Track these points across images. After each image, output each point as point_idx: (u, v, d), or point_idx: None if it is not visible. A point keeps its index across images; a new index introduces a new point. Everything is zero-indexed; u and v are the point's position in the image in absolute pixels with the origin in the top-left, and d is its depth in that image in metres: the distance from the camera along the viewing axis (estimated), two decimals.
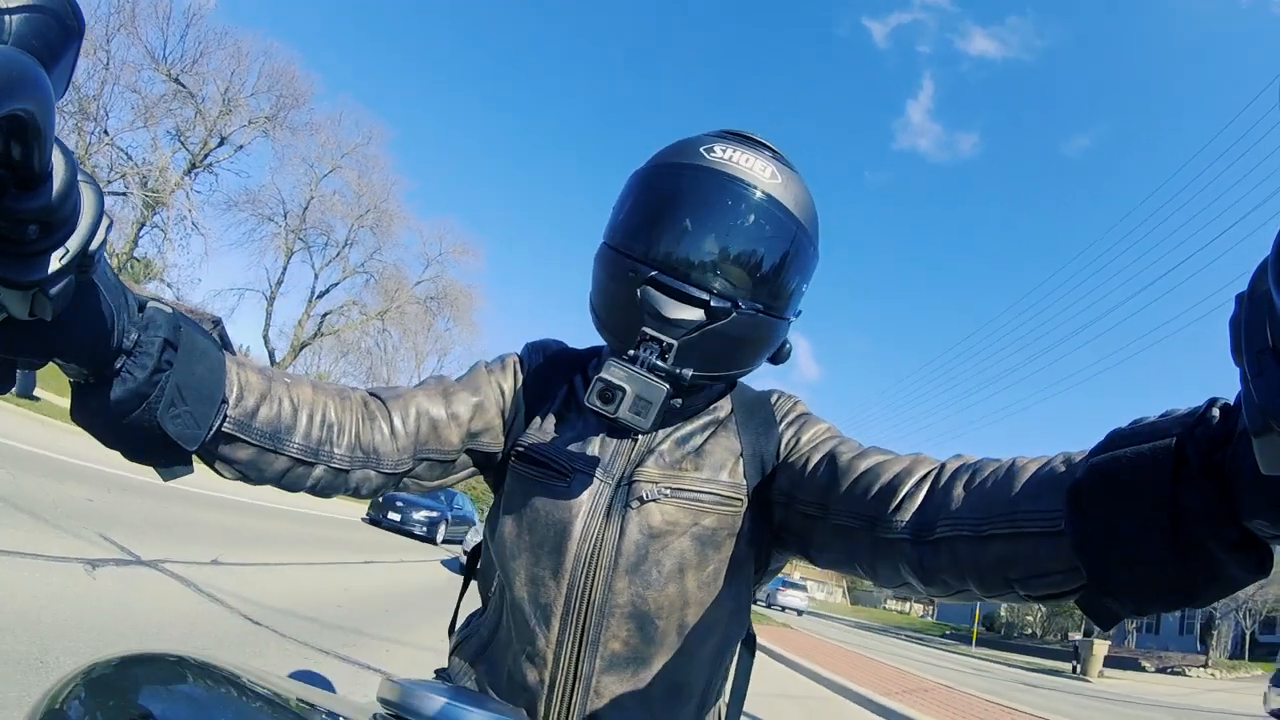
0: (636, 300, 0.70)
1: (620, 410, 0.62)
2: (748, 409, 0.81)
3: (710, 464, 0.75)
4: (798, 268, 0.75)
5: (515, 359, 0.85)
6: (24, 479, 5.38)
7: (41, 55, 0.29)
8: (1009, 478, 0.52)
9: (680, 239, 0.71)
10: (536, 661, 0.72)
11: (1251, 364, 0.29)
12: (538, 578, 0.72)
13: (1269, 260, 0.28)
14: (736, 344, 0.73)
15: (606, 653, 0.70)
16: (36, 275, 0.36)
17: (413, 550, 12.05)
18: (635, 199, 0.76)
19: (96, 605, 3.42)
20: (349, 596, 5.94)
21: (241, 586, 4.80)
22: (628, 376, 0.62)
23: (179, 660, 0.56)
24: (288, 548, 7.44)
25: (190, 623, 3.76)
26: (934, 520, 0.57)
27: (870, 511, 0.62)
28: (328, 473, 0.68)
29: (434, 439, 0.76)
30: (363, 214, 26.97)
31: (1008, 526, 0.50)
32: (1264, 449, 0.29)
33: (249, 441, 0.61)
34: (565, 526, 0.72)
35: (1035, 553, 0.48)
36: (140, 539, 4.96)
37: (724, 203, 0.71)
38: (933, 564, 0.56)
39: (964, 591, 0.55)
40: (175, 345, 0.51)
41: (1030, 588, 0.49)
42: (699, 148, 0.73)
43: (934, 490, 0.59)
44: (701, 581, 0.72)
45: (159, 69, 21.38)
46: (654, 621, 0.71)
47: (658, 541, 0.71)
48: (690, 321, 0.69)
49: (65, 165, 0.34)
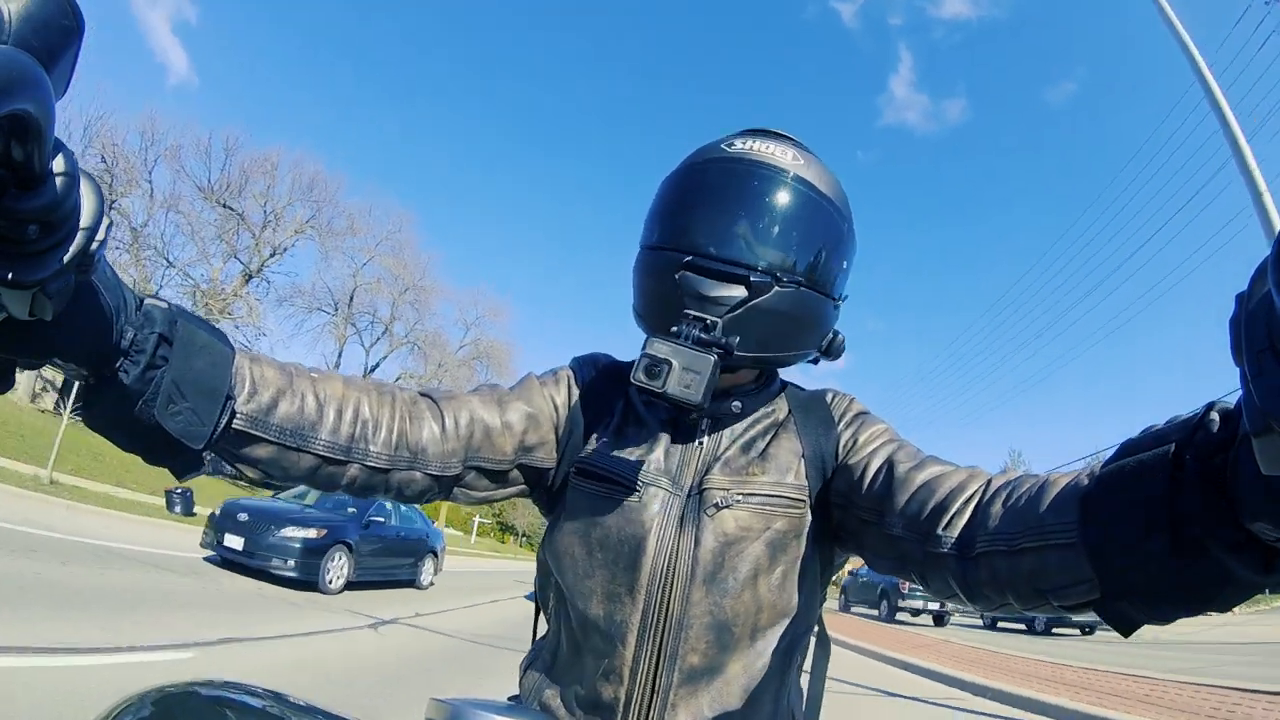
0: (676, 288, 0.70)
1: (668, 384, 0.61)
2: (805, 409, 0.81)
3: (776, 467, 0.75)
4: (833, 243, 0.75)
5: (568, 372, 0.84)
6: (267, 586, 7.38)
7: (41, 55, 0.29)
8: (1040, 493, 0.54)
9: (712, 222, 0.71)
10: (613, 679, 0.71)
11: (1251, 364, 0.29)
12: (613, 595, 0.71)
13: (1269, 260, 0.27)
14: (783, 320, 0.72)
15: (685, 666, 0.69)
16: (37, 275, 0.35)
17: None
18: (666, 200, 0.77)
19: (377, 656, 5.27)
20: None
21: (449, 624, 6.93)
22: (672, 350, 0.62)
23: (231, 691, 0.56)
24: (453, 596, 9.96)
25: (442, 653, 5.91)
26: (975, 537, 0.58)
27: (923, 527, 0.63)
28: (364, 471, 0.66)
29: (487, 446, 0.74)
30: (402, 292, 29.62)
31: (1036, 540, 0.51)
32: (1264, 449, 0.29)
33: (268, 439, 0.59)
34: (639, 541, 0.71)
35: (1062, 563, 0.49)
36: (370, 606, 7.08)
37: (751, 184, 0.72)
38: (974, 578, 0.58)
39: (1005, 604, 0.57)
40: (171, 341, 0.50)
41: (1061, 598, 0.50)
42: (720, 145, 0.76)
43: (978, 509, 0.60)
44: (771, 585, 0.72)
45: (209, 198, 24.12)
46: (730, 630, 0.71)
47: (733, 548, 0.71)
48: (732, 298, 0.69)
49: (65, 165, 0.34)
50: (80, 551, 6.24)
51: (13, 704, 2.84)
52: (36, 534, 6.44)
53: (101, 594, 5.01)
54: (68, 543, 6.47)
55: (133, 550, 7.11)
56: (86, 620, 4.23)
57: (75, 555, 5.96)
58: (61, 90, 0.32)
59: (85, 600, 4.72)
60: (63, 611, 4.26)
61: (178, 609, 5.24)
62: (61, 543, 6.40)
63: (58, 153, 0.34)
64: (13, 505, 7.67)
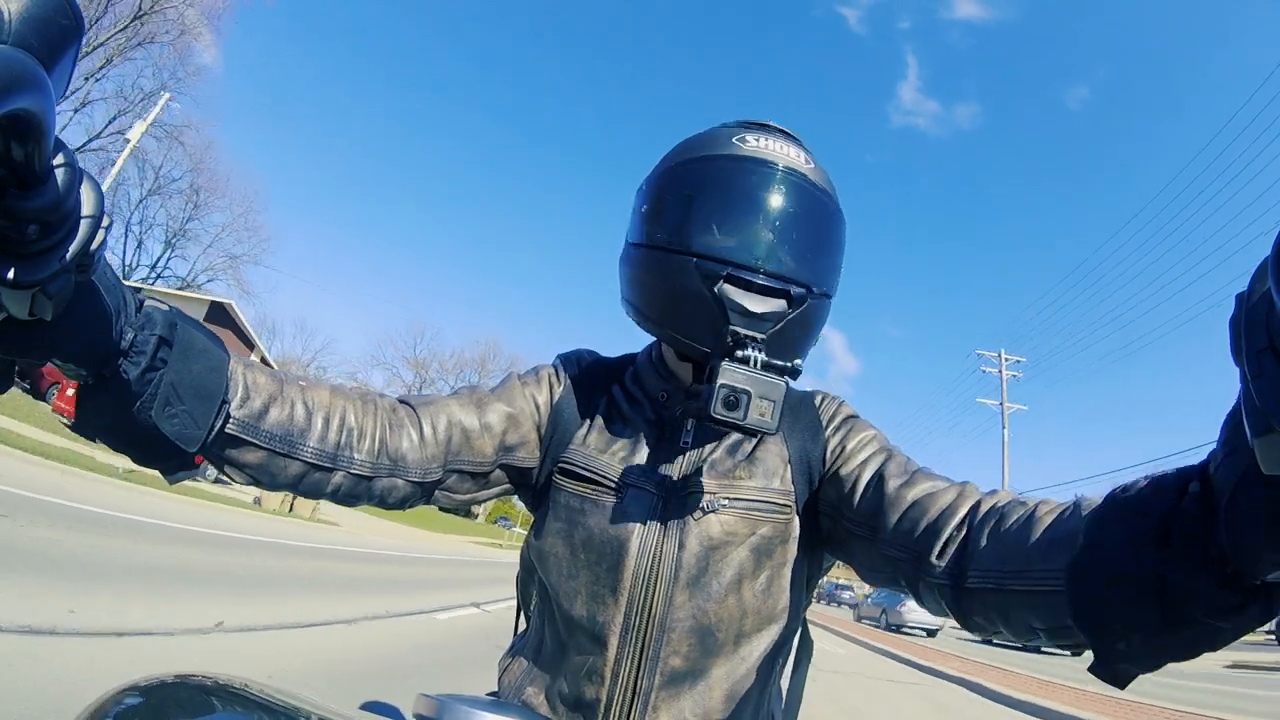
0: (710, 298, 0.68)
1: (749, 416, 0.60)
2: (792, 412, 0.79)
3: (763, 471, 0.74)
4: (841, 248, 0.76)
5: (549, 371, 0.83)
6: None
7: (41, 55, 0.29)
8: (1026, 528, 0.54)
9: (752, 232, 0.69)
10: (595, 679, 0.70)
11: (1251, 364, 0.29)
12: (597, 595, 0.71)
13: (1269, 260, 0.27)
14: (809, 330, 0.73)
15: (666, 668, 0.69)
16: (37, 275, 0.35)
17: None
18: (681, 195, 0.73)
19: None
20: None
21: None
22: (749, 379, 0.61)
23: (218, 683, 0.56)
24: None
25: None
26: (966, 568, 0.58)
27: (915, 549, 0.63)
28: (348, 479, 0.66)
29: (466, 449, 0.74)
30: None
31: (1026, 583, 0.51)
32: (1264, 450, 0.29)
33: (258, 445, 0.60)
34: (622, 543, 0.70)
35: (1049, 609, 0.49)
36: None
37: (779, 191, 0.71)
38: (967, 608, 0.58)
39: (998, 633, 0.57)
40: (171, 343, 0.50)
41: (1053, 639, 0.51)
42: (730, 138, 0.73)
43: (968, 536, 0.60)
44: (756, 590, 0.71)
45: None
46: (714, 634, 0.70)
47: (717, 553, 0.70)
48: (777, 313, 0.69)
49: (65, 165, 0.34)
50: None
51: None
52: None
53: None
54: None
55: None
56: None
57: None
58: (61, 90, 0.32)
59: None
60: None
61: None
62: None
63: (58, 152, 0.34)
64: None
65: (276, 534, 9.90)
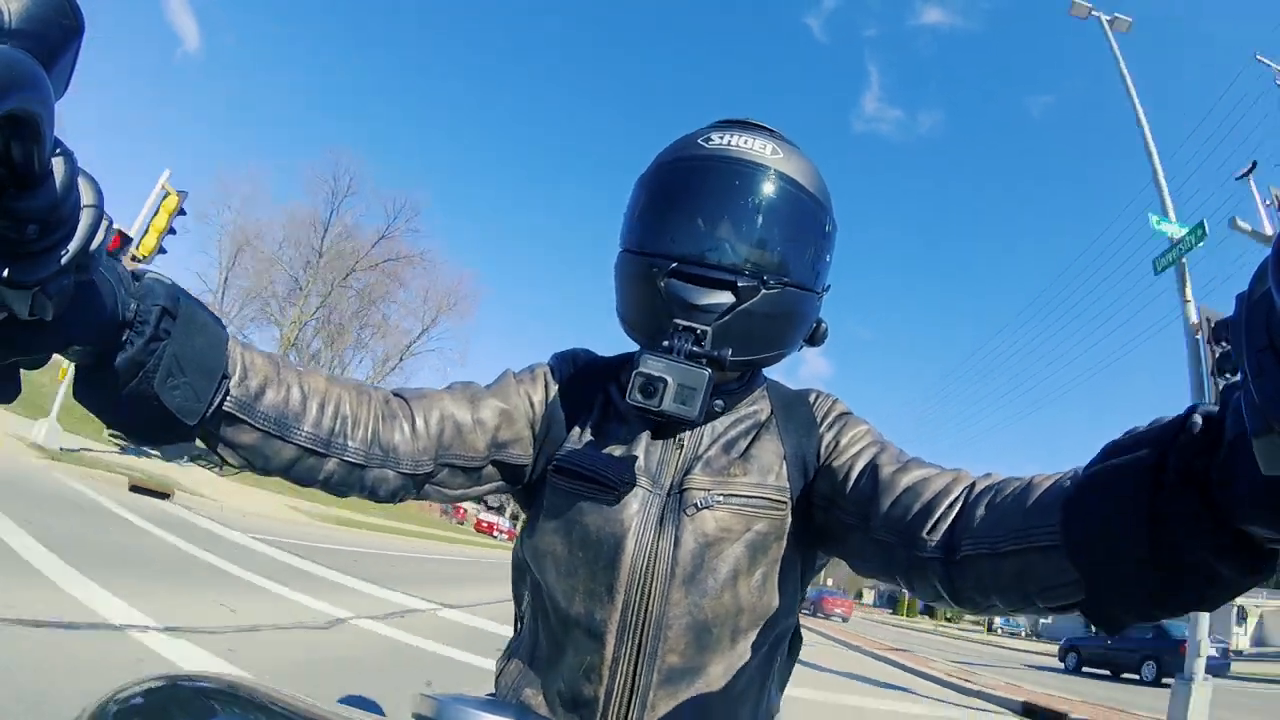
0: (662, 295, 0.70)
1: (664, 402, 0.62)
2: (787, 410, 0.80)
3: (758, 467, 0.74)
4: (814, 237, 0.75)
5: (545, 370, 0.83)
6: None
7: (41, 55, 0.29)
8: (1023, 495, 0.54)
9: (694, 227, 0.71)
10: (593, 677, 0.70)
11: (1251, 364, 0.29)
12: (594, 593, 0.71)
13: (1269, 260, 0.27)
14: (770, 322, 0.73)
15: (664, 666, 0.69)
16: (37, 275, 0.36)
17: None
18: (644, 200, 0.76)
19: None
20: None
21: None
22: (666, 366, 0.62)
23: (214, 684, 0.56)
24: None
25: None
26: (959, 541, 0.58)
27: (907, 531, 0.63)
28: (341, 467, 0.66)
29: (458, 443, 0.74)
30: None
31: (1021, 542, 0.52)
32: (1264, 450, 0.29)
33: (253, 425, 0.60)
34: (618, 541, 0.71)
35: (1046, 565, 0.49)
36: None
37: (731, 184, 0.71)
38: (959, 582, 0.58)
39: (991, 606, 0.57)
40: (174, 315, 0.51)
41: (1046, 599, 0.50)
42: (697, 139, 0.75)
43: (962, 512, 0.60)
44: (752, 587, 0.72)
45: None
46: (710, 631, 0.70)
47: (713, 549, 0.70)
48: (720, 305, 0.69)
49: (65, 165, 0.35)
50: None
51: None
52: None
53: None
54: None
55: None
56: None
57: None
58: (61, 90, 0.32)
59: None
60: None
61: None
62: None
63: (57, 152, 0.34)
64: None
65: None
